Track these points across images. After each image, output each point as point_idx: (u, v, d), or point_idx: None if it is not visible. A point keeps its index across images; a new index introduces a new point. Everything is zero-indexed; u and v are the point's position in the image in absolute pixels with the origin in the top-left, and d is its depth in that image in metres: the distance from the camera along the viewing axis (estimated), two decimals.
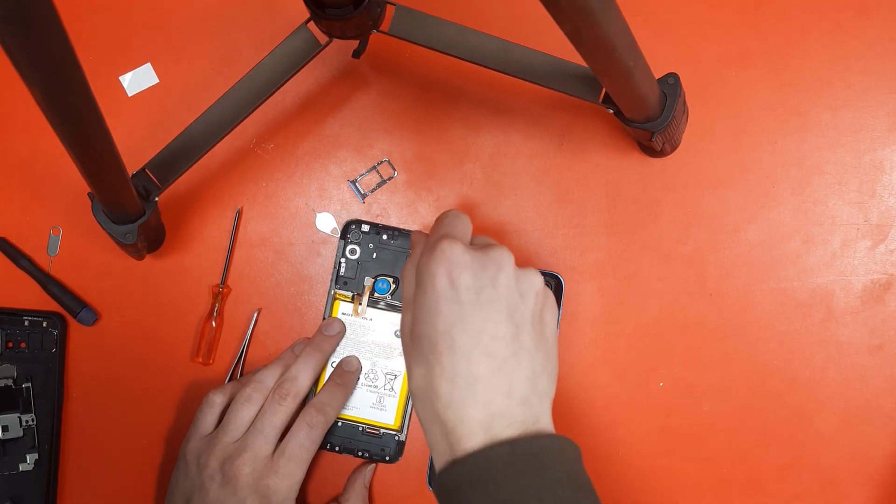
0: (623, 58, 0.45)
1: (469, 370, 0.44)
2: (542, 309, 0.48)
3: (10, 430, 0.60)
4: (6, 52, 0.32)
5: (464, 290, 0.45)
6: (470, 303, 0.45)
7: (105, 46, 0.65)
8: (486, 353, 0.44)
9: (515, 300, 0.46)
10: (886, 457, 0.61)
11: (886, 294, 0.62)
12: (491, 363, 0.44)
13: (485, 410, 0.44)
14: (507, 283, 0.46)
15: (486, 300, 0.45)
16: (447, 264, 0.46)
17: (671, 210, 0.63)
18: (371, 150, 0.65)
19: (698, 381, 0.62)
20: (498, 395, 0.44)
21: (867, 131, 0.63)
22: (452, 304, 0.45)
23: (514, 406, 0.44)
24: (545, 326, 0.48)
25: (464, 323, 0.45)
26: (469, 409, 0.43)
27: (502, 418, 0.44)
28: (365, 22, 0.51)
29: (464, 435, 0.43)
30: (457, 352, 0.44)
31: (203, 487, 0.55)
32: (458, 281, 0.45)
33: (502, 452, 0.42)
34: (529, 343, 0.46)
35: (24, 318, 0.62)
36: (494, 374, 0.44)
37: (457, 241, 0.47)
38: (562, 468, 0.43)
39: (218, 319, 0.63)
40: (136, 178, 0.55)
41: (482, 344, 0.44)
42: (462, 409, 0.43)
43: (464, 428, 0.43)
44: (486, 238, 0.52)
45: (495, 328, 0.45)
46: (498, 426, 0.43)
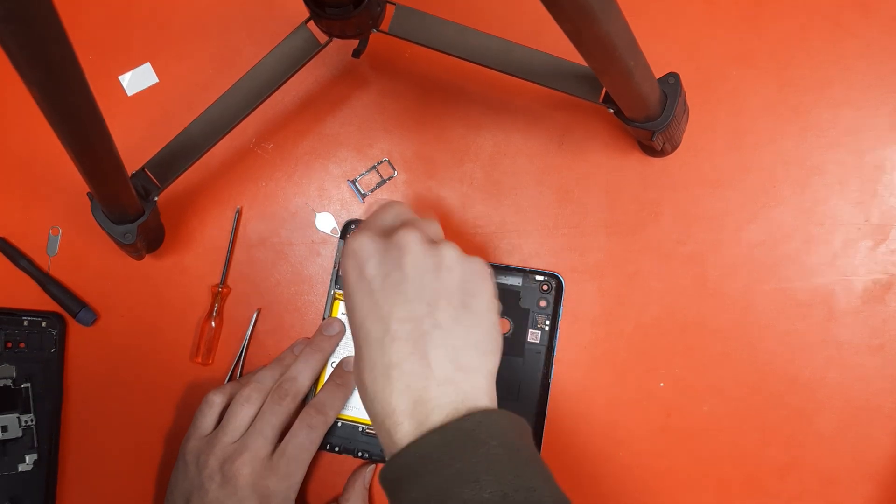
0: (623, 57, 0.45)
1: (383, 359, 0.43)
2: (464, 281, 0.46)
3: (10, 430, 0.60)
4: (6, 51, 0.32)
5: (370, 279, 0.45)
6: (378, 290, 0.44)
7: (104, 46, 0.65)
8: (398, 338, 0.43)
9: (426, 279, 0.45)
10: (886, 457, 0.61)
11: (887, 294, 0.62)
12: (404, 348, 0.43)
13: (406, 397, 0.42)
14: (413, 262, 0.45)
15: (391, 284, 0.44)
16: (353, 256, 0.47)
17: (671, 210, 0.63)
18: (371, 149, 0.65)
19: (698, 381, 0.62)
20: (416, 378, 0.43)
21: (868, 131, 0.63)
22: (364, 296, 0.45)
23: (434, 387, 0.43)
24: (470, 297, 0.46)
25: (374, 311, 0.44)
26: (391, 398, 0.42)
27: (425, 402, 0.42)
28: (365, 21, 0.51)
29: (393, 426, 0.42)
30: (371, 342, 0.44)
31: (202, 487, 0.55)
32: (365, 271, 0.46)
33: (434, 439, 0.41)
34: (446, 318, 0.44)
35: (24, 318, 0.62)
36: (409, 359, 0.43)
37: (362, 233, 0.47)
38: (497, 442, 0.41)
39: (217, 319, 0.63)
40: (136, 178, 0.55)
41: (392, 329, 0.43)
42: (386, 399, 0.43)
43: (391, 419, 0.42)
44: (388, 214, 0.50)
45: (404, 311, 0.44)
46: (424, 411, 0.42)
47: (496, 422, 0.42)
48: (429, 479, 0.40)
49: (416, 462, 0.41)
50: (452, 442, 0.41)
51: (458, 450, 0.41)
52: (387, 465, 0.43)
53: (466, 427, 0.41)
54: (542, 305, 0.62)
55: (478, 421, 0.42)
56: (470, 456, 0.40)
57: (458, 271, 0.46)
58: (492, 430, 0.41)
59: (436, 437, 0.41)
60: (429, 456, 0.41)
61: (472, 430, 0.41)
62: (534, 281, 0.62)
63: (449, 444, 0.41)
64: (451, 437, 0.41)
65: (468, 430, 0.41)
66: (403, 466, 0.42)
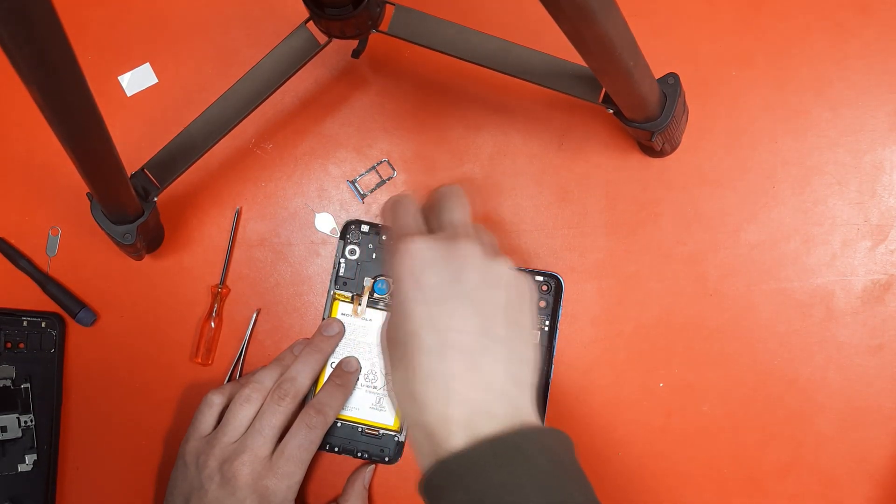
0: (623, 57, 0.45)
1: (443, 369, 0.43)
2: (516, 297, 0.47)
3: (9, 430, 0.60)
4: (5, 51, 0.32)
5: (428, 289, 0.45)
6: (436, 300, 0.44)
7: (104, 46, 0.65)
8: (458, 349, 0.43)
9: (483, 292, 0.45)
10: (886, 457, 0.61)
11: (886, 294, 0.62)
12: (464, 360, 0.43)
13: (463, 408, 0.43)
14: (473, 275, 0.45)
15: (451, 296, 0.44)
16: (409, 265, 0.45)
17: (671, 210, 0.63)
18: (370, 150, 0.65)
19: (698, 381, 0.62)
20: (475, 391, 0.43)
21: (867, 131, 0.63)
22: (419, 305, 0.44)
23: (492, 400, 0.43)
24: (521, 314, 0.47)
25: (431, 322, 0.44)
26: (447, 408, 0.43)
27: (482, 414, 0.43)
28: (364, 22, 0.51)
29: (445, 435, 0.42)
30: (428, 352, 0.43)
31: (202, 488, 0.55)
32: (422, 280, 0.45)
33: (484, 449, 0.41)
34: (502, 334, 0.45)
35: (23, 319, 0.62)
36: (469, 371, 0.43)
37: (415, 238, 0.46)
38: (545, 458, 0.42)
39: (217, 320, 0.63)
40: (135, 179, 0.55)
41: (451, 341, 0.43)
42: (441, 409, 0.43)
43: (445, 428, 0.42)
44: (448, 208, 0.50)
45: (464, 323, 0.44)
46: (479, 422, 0.42)
47: (545, 438, 0.43)
48: (476, 486, 0.41)
49: (464, 469, 0.41)
50: (503, 453, 0.41)
51: (507, 461, 0.41)
52: (432, 470, 0.43)
53: (517, 441, 0.42)
54: (542, 306, 0.62)
55: (527, 436, 0.42)
56: (518, 468, 0.41)
57: (513, 288, 0.47)
58: (540, 445, 0.42)
59: (487, 447, 0.42)
60: (477, 465, 0.41)
61: (521, 444, 0.42)
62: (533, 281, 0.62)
63: (499, 455, 0.41)
64: (502, 449, 0.41)
65: (518, 443, 0.42)
66: (451, 473, 0.42)
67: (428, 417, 0.43)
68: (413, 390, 0.44)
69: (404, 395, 0.45)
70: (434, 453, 0.43)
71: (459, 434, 0.42)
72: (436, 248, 0.46)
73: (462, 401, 0.43)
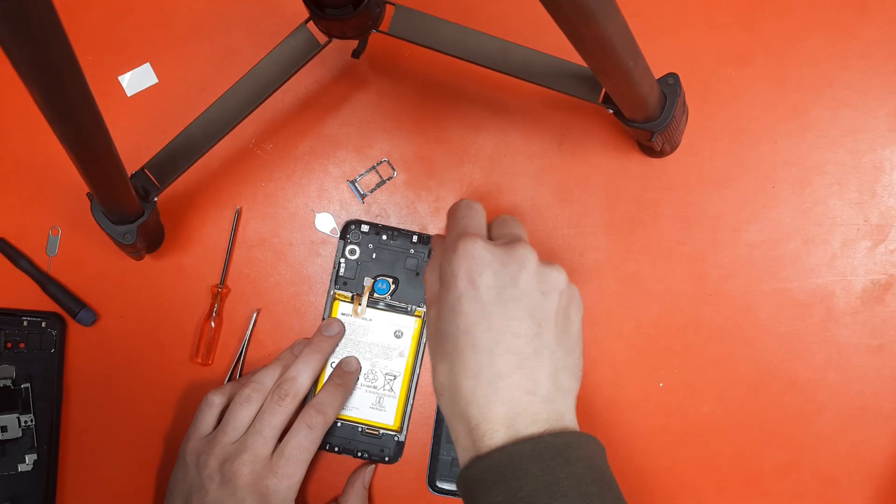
0: (623, 58, 0.45)
1: (492, 368, 0.44)
2: (566, 306, 0.48)
3: (9, 430, 0.60)
4: (5, 51, 0.32)
5: (485, 289, 0.45)
6: (491, 301, 0.45)
7: (104, 46, 0.65)
8: (509, 350, 0.44)
9: (537, 298, 0.46)
10: (886, 457, 0.61)
11: (886, 294, 0.62)
12: (513, 361, 0.44)
13: (508, 407, 0.44)
14: (528, 281, 0.46)
15: (507, 298, 0.45)
16: (468, 264, 0.46)
17: (671, 210, 0.63)
18: (370, 150, 0.65)
19: (698, 381, 0.62)
20: (521, 392, 0.44)
21: (867, 131, 0.63)
22: (474, 303, 0.45)
23: (537, 403, 0.44)
24: (569, 323, 0.48)
25: (486, 321, 0.45)
26: (492, 406, 0.44)
27: (525, 415, 0.44)
28: (364, 22, 0.51)
29: (487, 432, 0.43)
30: (479, 350, 0.44)
31: (202, 488, 0.55)
32: (479, 280, 0.46)
33: (525, 448, 0.42)
34: (552, 340, 0.46)
35: (23, 319, 0.62)
36: (517, 372, 0.44)
37: (477, 239, 0.47)
38: (584, 464, 0.43)
39: (217, 320, 0.63)
40: (135, 179, 0.55)
41: (504, 342, 0.44)
42: (485, 406, 0.44)
43: (487, 425, 0.43)
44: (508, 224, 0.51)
45: (517, 326, 0.45)
46: (521, 423, 0.43)
47: (585, 444, 0.44)
48: (516, 485, 0.42)
49: (505, 467, 0.42)
50: (543, 455, 0.42)
51: (547, 463, 0.42)
52: (471, 465, 0.44)
53: (558, 444, 0.43)
54: None
55: (568, 441, 0.43)
56: (559, 471, 0.42)
57: (566, 296, 0.48)
58: (581, 451, 0.43)
59: (527, 447, 0.42)
60: (518, 464, 0.42)
61: (563, 448, 0.43)
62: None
63: (539, 457, 0.42)
64: (543, 451, 0.42)
65: (559, 447, 0.43)
66: (489, 469, 0.43)
67: (472, 412, 0.44)
68: (459, 385, 0.44)
69: (449, 388, 0.45)
70: (474, 448, 0.44)
71: (501, 432, 0.43)
72: (493, 251, 0.47)
73: (507, 400, 0.44)
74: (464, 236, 0.48)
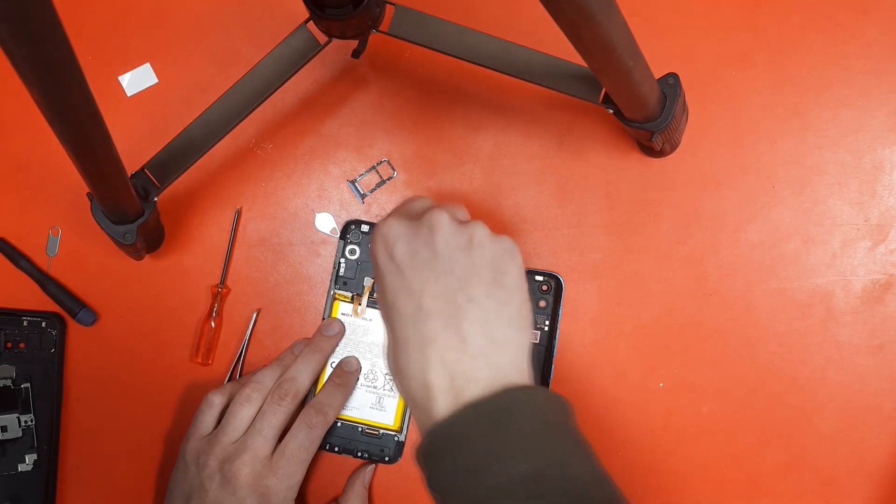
0: (623, 57, 0.45)
1: (417, 335, 0.43)
2: (493, 258, 0.46)
3: (9, 430, 0.60)
4: (5, 51, 0.32)
5: (399, 259, 0.45)
6: (408, 268, 0.45)
7: (104, 46, 0.65)
8: (430, 314, 0.43)
9: (456, 255, 0.45)
10: (886, 457, 0.61)
11: (886, 294, 0.62)
12: (438, 323, 0.43)
13: (443, 372, 0.43)
14: (443, 240, 0.45)
15: (421, 262, 0.45)
16: (383, 240, 0.47)
17: (671, 210, 0.63)
18: (370, 149, 0.65)
19: (698, 381, 0.62)
20: (451, 352, 0.43)
21: (867, 131, 0.63)
22: (393, 276, 0.45)
23: (469, 360, 0.43)
24: (500, 274, 0.46)
25: (405, 290, 0.44)
26: (428, 375, 0.43)
27: (462, 377, 0.43)
28: (364, 22, 0.51)
29: (430, 402, 0.43)
30: (404, 320, 0.44)
31: (202, 488, 0.55)
32: (394, 251, 0.46)
33: (469, 413, 0.41)
34: (478, 294, 0.44)
35: (23, 319, 0.62)
36: (443, 333, 0.43)
37: (390, 218, 0.48)
38: (535, 419, 0.41)
39: (217, 319, 0.63)
40: (135, 179, 0.55)
41: (424, 306, 0.44)
42: (421, 376, 0.43)
43: (428, 394, 0.43)
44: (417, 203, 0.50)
45: (435, 287, 0.44)
46: (461, 385, 0.42)
47: (532, 399, 0.42)
48: (462, 453, 0.41)
49: (450, 437, 0.41)
50: (487, 417, 0.41)
51: (493, 425, 0.41)
52: (422, 440, 0.43)
53: (502, 403, 0.41)
54: (542, 306, 0.62)
55: (513, 398, 0.42)
56: (504, 432, 0.40)
57: (489, 248, 0.46)
58: (527, 407, 0.42)
59: (470, 412, 0.41)
60: (463, 431, 0.41)
61: (507, 406, 0.41)
62: (533, 281, 0.62)
63: (484, 419, 0.41)
64: (486, 413, 0.41)
65: (503, 406, 0.41)
66: (437, 440, 0.42)
67: (413, 386, 0.43)
68: (397, 361, 0.44)
69: (393, 368, 0.45)
70: (424, 422, 0.43)
71: (442, 400, 0.42)
72: (406, 223, 0.47)
73: (440, 365, 0.43)
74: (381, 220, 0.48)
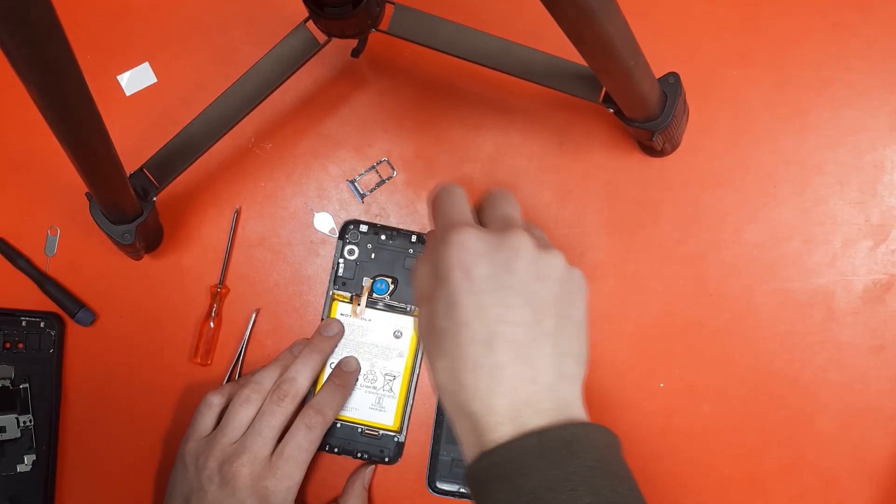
0: (623, 57, 0.45)
1: (491, 359, 0.43)
2: (567, 291, 0.46)
3: (8, 431, 0.60)
4: (3, 50, 0.32)
5: (479, 280, 0.44)
6: (487, 291, 0.44)
7: (103, 45, 0.65)
8: (507, 340, 0.43)
9: (534, 285, 0.45)
10: (887, 457, 0.61)
11: (887, 294, 0.62)
12: (512, 351, 0.43)
13: (510, 399, 0.43)
14: (524, 268, 0.45)
15: (502, 287, 0.44)
16: (461, 255, 0.45)
17: (671, 210, 0.63)
18: (370, 149, 0.65)
19: (698, 381, 0.62)
20: (522, 382, 0.43)
21: (868, 131, 0.63)
22: (470, 295, 0.44)
23: (540, 392, 0.43)
24: (571, 308, 0.46)
25: (482, 312, 0.44)
26: (494, 398, 0.42)
27: (529, 406, 0.43)
28: (364, 21, 0.51)
29: (491, 425, 0.42)
30: (477, 342, 0.43)
31: (201, 489, 0.55)
32: (474, 271, 0.44)
33: (531, 442, 0.41)
34: (552, 327, 0.44)
35: (22, 319, 0.62)
36: (517, 362, 0.43)
37: (468, 228, 0.46)
38: (594, 456, 0.41)
39: (216, 320, 0.63)
40: (134, 178, 0.55)
41: (501, 332, 0.43)
42: (488, 399, 0.43)
43: (491, 418, 0.42)
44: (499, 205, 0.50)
45: (514, 315, 0.44)
46: (526, 414, 0.42)
47: (593, 435, 0.42)
48: (522, 481, 0.40)
49: (509, 462, 0.41)
50: (549, 448, 0.41)
51: (554, 456, 0.41)
52: (477, 461, 0.43)
53: (565, 436, 0.42)
54: None
55: (575, 432, 0.42)
56: (566, 465, 0.41)
57: (565, 281, 0.46)
58: (588, 442, 0.42)
59: (533, 440, 0.41)
60: (523, 458, 0.41)
61: (569, 440, 0.41)
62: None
63: (546, 450, 0.41)
64: (549, 443, 0.41)
65: (566, 439, 0.41)
66: (494, 465, 0.42)
67: (474, 407, 0.43)
68: (461, 380, 0.43)
69: (451, 384, 0.44)
70: (479, 444, 0.43)
71: (506, 425, 0.42)
72: (487, 240, 0.45)
73: (509, 391, 0.43)
74: (454, 227, 0.46)
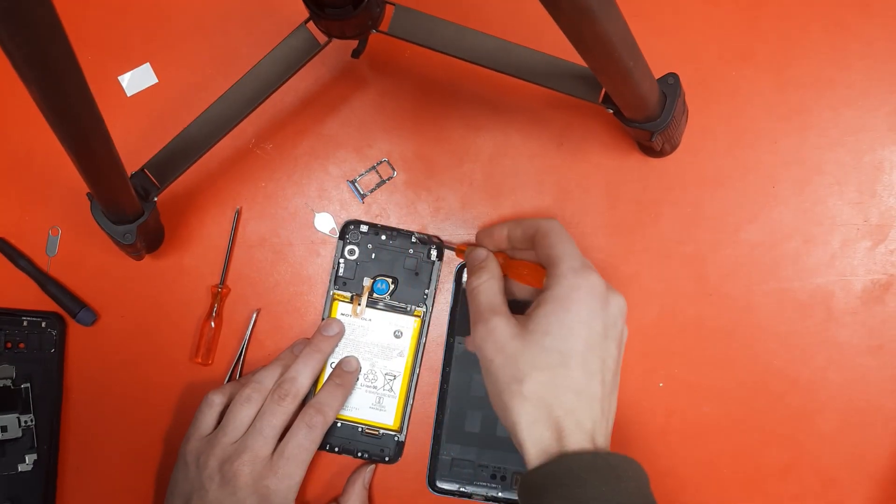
0: (623, 57, 0.45)
1: (593, 389, 0.51)
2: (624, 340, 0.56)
3: (9, 430, 0.60)
4: (4, 51, 0.32)
5: (601, 325, 0.52)
6: (600, 335, 0.52)
7: (104, 46, 0.65)
8: (604, 378, 0.52)
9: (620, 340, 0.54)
10: (887, 457, 0.61)
11: (886, 294, 0.62)
12: (604, 387, 0.52)
13: (592, 424, 0.50)
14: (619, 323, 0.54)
15: (610, 336, 0.52)
16: (591, 297, 0.52)
17: (671, 210, 0.63)
18: (370, 150, 0.65)
19: (698, 381, 0.62)
20: (603, 415, 0.51)
21: (868, 131, 0.63)
22: (593, 333, 0.51)
23: (606, 424, 0.52)
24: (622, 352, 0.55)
25: (597, 350, 0.51)
26: (584, 420, 0.50)
27: (598, 429, 0.51)
28: (364, 22, 0.51)
29: (574, 440, 0.49)
30: (589, 372, 0.51)
31: (202, 488, 0.55)
32: (607, 317, 0.52)
33: (586, 458, 0.48)
34: (616, 369, 0.54)
35: (23, 319, 0.62)
36: (606, 397, 0.52)
37: (611, 287, 0.54)
38: (634, 484, 0.49)
39: (217, 319, 0.63)
40: (135, 179, 0.55)
41: (603, 370, 0.52)
42: (580, 418, 0.50)
43: (575, 435, 0.49)
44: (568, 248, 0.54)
45: (610, 359, 0.52)
46: (598, 438, 0.50)
47: (634, 467, 0.50)
48: (578, 492, 0.47)
49: (564, 474, 0.48)
50: (601, 468, 0.48)
51: (605, 475, 0.48)
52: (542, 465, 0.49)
53: (613, 461, 0.49)
54: None
55: (619, 461, 0.49)
56: (615, 484, 0.47)
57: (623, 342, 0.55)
58: (630, 472, 0.49)
59: (587, 458, 0.48)
60: (575, 472, 0.48)
61: (616, 465, 0.49)
62: None
63: (598, 469, 0.48)
64: (601, 464, 0.48)
65: (614, 464, 0.49)
66: (549, 475, 0.48)
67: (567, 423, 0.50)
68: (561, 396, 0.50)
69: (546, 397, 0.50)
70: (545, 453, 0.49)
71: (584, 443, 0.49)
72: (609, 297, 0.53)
73: (597, 418, 0.51)
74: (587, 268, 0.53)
